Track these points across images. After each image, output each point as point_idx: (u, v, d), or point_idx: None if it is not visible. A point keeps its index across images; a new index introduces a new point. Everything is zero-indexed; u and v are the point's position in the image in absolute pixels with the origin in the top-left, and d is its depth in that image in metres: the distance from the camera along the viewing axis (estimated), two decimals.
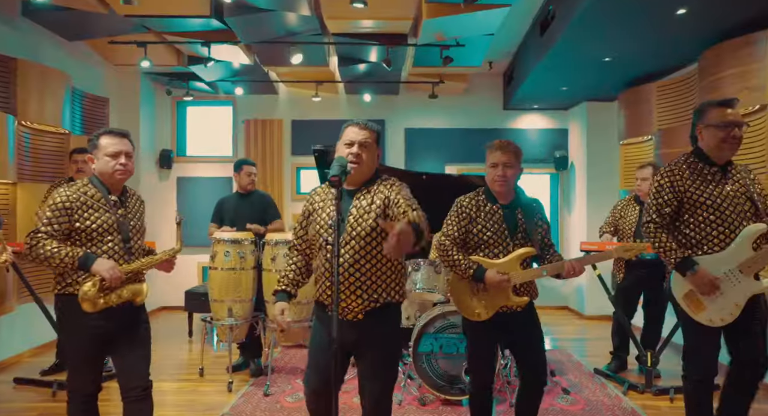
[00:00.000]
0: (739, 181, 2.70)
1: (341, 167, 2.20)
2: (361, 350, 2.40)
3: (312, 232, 2.43)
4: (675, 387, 4.13)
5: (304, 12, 4.70)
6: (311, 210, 2.47)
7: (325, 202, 2.44)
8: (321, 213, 2.41)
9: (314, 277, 2.50)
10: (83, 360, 2.59)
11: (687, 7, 3.88)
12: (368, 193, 2.40)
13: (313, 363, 2.43)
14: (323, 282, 2.39)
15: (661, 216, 2.74)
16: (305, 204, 2.52)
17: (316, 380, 2.38)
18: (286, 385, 4.34)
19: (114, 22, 5.05)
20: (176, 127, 7.85)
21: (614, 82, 6.08)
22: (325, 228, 2.36)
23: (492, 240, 2.75)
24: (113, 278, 2.47)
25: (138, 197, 2.79)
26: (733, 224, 2.63)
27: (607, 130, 6.99)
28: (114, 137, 2.60)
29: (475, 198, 2.81)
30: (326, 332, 2.33)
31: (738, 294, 2.64)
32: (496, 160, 2.71)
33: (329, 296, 2.33)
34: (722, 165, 2.72)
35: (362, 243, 2.31)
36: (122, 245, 2.59)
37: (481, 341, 2.83)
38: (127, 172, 2.61)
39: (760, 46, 4.16)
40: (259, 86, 7.43)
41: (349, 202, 2.39)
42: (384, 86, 7.38)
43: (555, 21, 4.80)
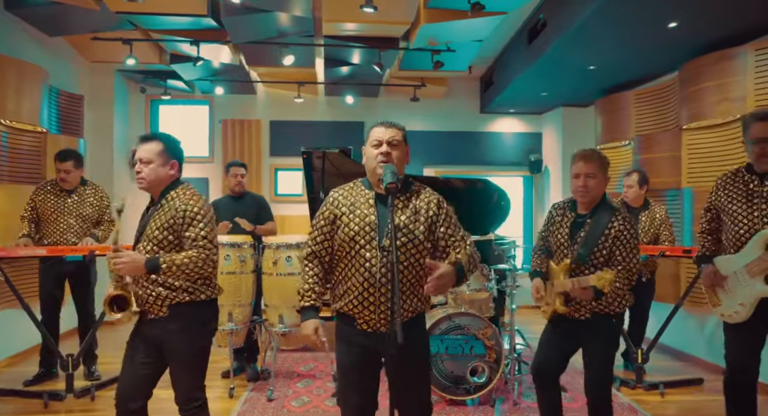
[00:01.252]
0: None
1: (393, 174, 2.15)
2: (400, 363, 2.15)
3: (343, 238, 2.24)
4: (664, 382, 4.36)
5: (301, 13, 4.68)
6: (337, 215, 2.29)
7: (354, 205, 2.28)
8: (352, 218, 2.25)
9: (339, 287, 2.32)
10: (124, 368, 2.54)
11: (678, 20, 4.09)
12: (408, 201, 2.31)
13: (351, 381, 2.31)
14: (352, 293, 2.23)
15: (706, 220, 3.11)
16: (327, 208, 2.33)
17: (360, 398, 2.30)
18: (287, 390, 4.31)
19: (99, 18, 4.88)
20: (150, 127, 7.62)
21: (593, 88, 6.31)
22: (362, 234, 2.21)
23: (556, 247, 2.88)
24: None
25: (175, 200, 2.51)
26: (755, 228, 2.78)
27: (582, 134, 7.23)
28: (145, 142, 2.56)
29: (564, 204, 2.94)
30: (358, 348, 2.27)
31: (743, 295, 2.80)
32: (578, 170, 2.74)
33: (364, 308, 2.22)
34: (763, 174, 2.82)
35: (407, 254, 2.23)
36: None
37: (546, 333, 3.01)
38: (141, 180, 2.51)
39: (740, 60, 4.43)
40: (236, 86, 7.31)
41: (384, 207, 2.25)
42: (364, 88, 7.41)
43: (546, 30, 4.94)
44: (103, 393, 4.26)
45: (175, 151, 2.59)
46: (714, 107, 4.63)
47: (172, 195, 2.52)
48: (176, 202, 2.49)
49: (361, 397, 2.30)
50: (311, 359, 5.15)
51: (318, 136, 7.58)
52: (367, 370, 2.31)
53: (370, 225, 2.23)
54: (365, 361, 2.29)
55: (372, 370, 2.33)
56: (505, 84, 6.51)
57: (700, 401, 4.19)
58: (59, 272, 4.45)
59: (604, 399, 2.82)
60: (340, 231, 2.27)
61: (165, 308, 2.45)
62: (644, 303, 4.74)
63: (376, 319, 2.23)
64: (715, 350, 4.91)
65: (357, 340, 2.28)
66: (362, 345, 2.27)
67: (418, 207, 2.30)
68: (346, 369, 2.32)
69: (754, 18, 4.07)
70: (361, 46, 5.49)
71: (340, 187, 2.41)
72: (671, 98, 5.35)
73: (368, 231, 2.22)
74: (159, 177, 2.52)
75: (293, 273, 4.25)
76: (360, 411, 2.32)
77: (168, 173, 2.54)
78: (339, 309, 2.32)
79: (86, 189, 4.53)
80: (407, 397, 2.30)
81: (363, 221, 2.24)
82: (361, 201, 2.30)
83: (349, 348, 2.30)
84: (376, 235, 2.21)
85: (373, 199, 2.30)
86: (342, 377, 2.35)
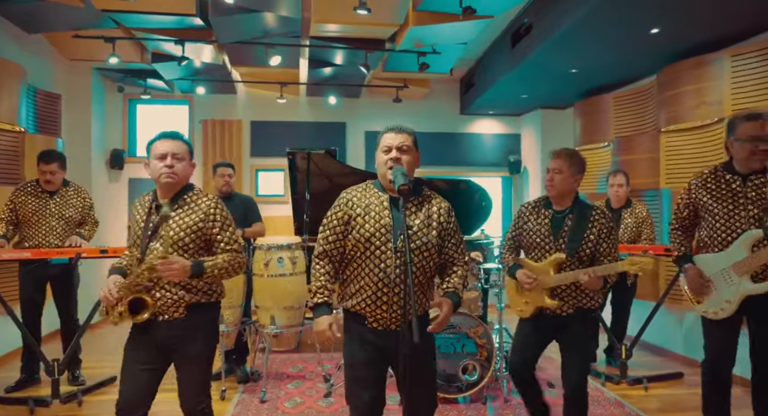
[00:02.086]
0: (760, 188, 2.86)
1: (404, 175, 2.21)
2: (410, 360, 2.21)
3: (358, 239, 2.29)
4: (647, 376, 4.50)
5: (290, 14, 4.67)
6: (351, 216, 2.34)
7: (369, 207, 2.34)
8: (368, 219, 2.31)
9: (350, 286, 2.37)
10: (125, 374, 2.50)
11: (660, 27, 4.22)
12: (420, 205, 2.39)
13: (362, 378, 2.34)
14: (365, 292, 2.29)
15: (678, 219, 3.09)
16: (340, 209, 2.37)
17: (370, 394, 2.32)
18: (279, 391, 4.30)
19: (82, 16, 4.78)
20: (128, 127, 7.49)
21: (573, 91, 6.45)
22: (378, 236, 2.28)
23: (536, 244, 2.92)
24: (103, 297, 2.40)
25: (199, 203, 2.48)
26: (740, 228, 2.86)
27: (560, 136, 7.38)
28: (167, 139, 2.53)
29: (535, 203, 3.01)
30: (369, 345, 2.32)
31: (729, 292, 2.90)
32: (548, 166, 2.89)
33: (377, 307, 2.28)
34: (745, 174, 2.91)
35: (420, 257, 2.30)
36: (138, 256, 2.46)
37: (522, 332, 3.04)
38: (173, 175, 2.44)
39: (717, 65, 4.59)
40: (217, 86, 7.25)
41: (397, 210, 2.31)
42: (345, 89, 7.43)
43: (531, 34, 5.04)
44: (90, 398, 4.19)
45: (193, 154, 2.60)
46: (692, 111, 4.80)
47: (191, 196, 2.50)
48: (202, 205, 2.47)
49: (371, 393, 2.34)
50: (299, 360, 5.14)
51: (300, 136, 7.57)
52: (377, 367, 2.36)
53: (385, 227, 2.29)
54: (376, 358, 2.34)
55: (382, 367, 2.38)
56: (487, 86, 6.61)
57: (681, 394, 4.33)
58: (41, 275, 4.34)
59: (583, 391, 2.91)
60: (354, 231, 2.32)
61: (182, 309, 2.43)
62: (627, 301, 4.89)
63: (388, 318, 2.29)
64: (692, 345, 5.09)
65: (368, 338, 2.32)
66: (373, 343, 2.32)
67: (431, 212, 2.39)
68: (357, 366, 2.35)
69: (730, 26, 4.24)
70: (348, 48, 5.51)
71: (352, 188, 2.46)
72: (650, 101, 5.51)
73: (384, 233, 2.29)
74: (187, 175, 2.53)
75: (284, 275, 4.26)
76: (371, 407, 2.35)
77: (191, 173, 2.56)
78: (350, 307, 2.36)
79: (68, 190, 4.44)
80: (416, 394, 2.32)
81: (378, 222, 2.30)
82: (375, 203, 2.36)
83: (362, 345, 2.33)
84: (391, 237, 2.28)
85: (387, 201, 2.36)
86: (352, 374, 2.38)
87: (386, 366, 2.39)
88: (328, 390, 4.19)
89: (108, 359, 5.15)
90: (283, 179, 7.77)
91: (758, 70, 4.24)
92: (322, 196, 5.64)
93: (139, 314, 2.39)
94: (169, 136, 2.53)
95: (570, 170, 2.86)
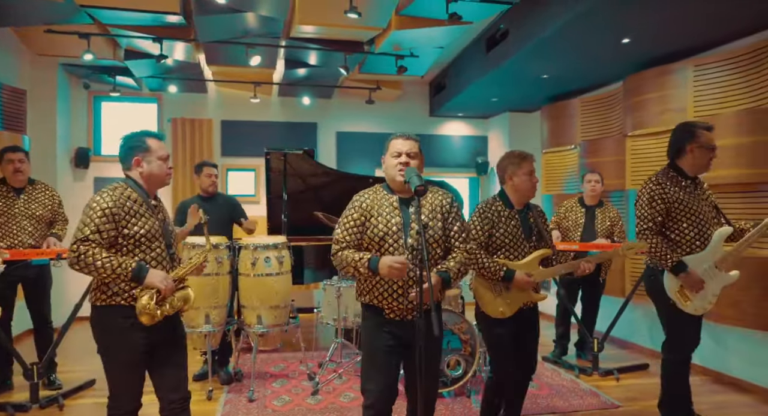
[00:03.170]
0: (705, 191, 3.22)
1: (419, 177, 2.35)
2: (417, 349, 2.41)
3: (373, 238, 2.46)
4: (617, 368, 4.74)
5: (274, 14, 4.69)
6: (367, 217, 2.50)
7: (382, 207, 2.51)
8: (381, 219, 2.47)
9: (366, 283, 2.51)
10: (127, 376, 2.48)
11: (632, 37, 4.46)
12: (425, 201, 2.56)
13: (381, 363, 2.47)
14: (381, 286, 2.45)
15: (656, 224, 3.15)
16: (356, 211, 2.52)
17: (386, 380, 2.45)
18: (265, 390, 4.31)
19: (57, 10, 4.66)
20: (93, 124, 7.29)
21: (541, 95, 6.69)
22: (390, 234, 2.44)
23: (510, 244, 3.01)
24: (168, 289, 2.44)
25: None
26: (705, 228, 3.13)
27: (527, 138, 7.63)
28: (159, 140, 2.60)
29: (493, 204, 3.06)
30: (388, 333, 2.47)
31: (716, 287, 3.15)
32: (531, 168, 3.05)
33: (393, 300, 2.45)
34: (693, 178, 3.19)
35: (429, 249, 2.47)
36: (166, 251, 2.56)
37: (503, 337, 3.01)
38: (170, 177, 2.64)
39: (680, 75, 4.89)
40: (187, 84, 7.15)
41: (406, 209, 2.51)
42: (317, 90, 7.46)
43: (507, 40, 5.22)
44: (70, 402, 4.10)
45: None
46: (657, 117, 5.08)
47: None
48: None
49: (387, 380, 2.47)
50: (280, 360, 5.16)
51: (271, 136, 7.55)
52: (395, 354, 2.50)
53: (397, 225, 2.47)
54: (395, 346, 2.48)
55: (398, 356, 2.52)
56: (459, 89, 6.77)
57: (648, 383, 4.59)
58: (17, 276, 4.22)
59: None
60: (369, 231, 2.49)
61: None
62: (597, 297, 5.13)
63: (404, 308, 2.47)
64: (656, 338, 5.38)
65: (387, 328, 2.49)
66: (391, 332, 2.49)
67: (434, 205, 2.57)
68: (376, 352, 2.50)
69: (694, 37, 4.51)
70: (329, 50, 5.56)
71: (363, 192, 2.62)
72: (616, 106, 5.79)
73: (396, 231, 2.46)
74: None
75: (271, 274, 4.28)
76: (385, 394, 2.47)
77: None
78: (369, 301, 2.52)
79: (35, 188, 4.34)
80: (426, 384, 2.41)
81: (390, 222, 2.48)
82: (386, 204, 2.53)
83: (381, 333, 2.49)
84: (403, 234, 2.46)
85: (396, 202, 2.54)
86: (370, 361, 2.52)
87: (401, 355, 2.52)
88: (315, 388, 4.24)
89: (82, 362, 5.04)
90: (253, 179, 7.74)
91: (719, 80, 4.53)
92: (296, 196, 5.70)
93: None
94: (161, 138, 2.65)
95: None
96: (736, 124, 4.29)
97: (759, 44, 4.18)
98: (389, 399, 2.48)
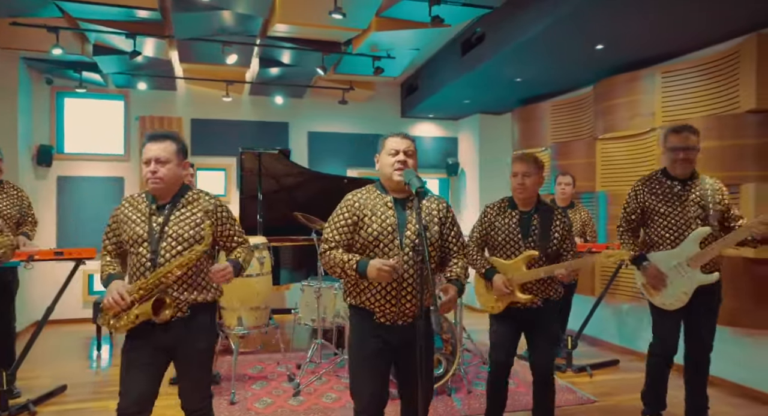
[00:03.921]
0: (698, 191, 3.27)
1: (419, 178, 2.33)
2: (411, 354, 2.32)
3: (366, 238, 2.41)
4: (590, 365, 4.89)
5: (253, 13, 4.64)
6: (360, 216, 2.44)
7: (375, 207, 2.45)
8: (375, 219, 2.42)
9: (358, 284, 2.45)
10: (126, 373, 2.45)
11: (605, 44, 4.61)
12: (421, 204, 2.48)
13: (368, 369, 2.44)
14: (374, 288, 2.39)
15: (628, 222, 3.42)
16: (347, 210, 2.46)
17: (376, 386, 2.43)
18: (246, 392, 4.26)
19: (25, 2, 4.50)
20: (56, 121, 7.04)
21: (513, 98, 6.83)
22: (385, 234, 2.39)
23: (506, 243, 3.11)
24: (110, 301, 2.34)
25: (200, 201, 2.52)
26: (683, 227, 3.25)
27: (498, 140, 7.78)
28: (149, 142, 2.50)
29: (499, 204, 3.18)
30: (378, 338, 2.42)
31: (686, 284, 3.26)
32: (516, 170, 3.07)
33: (386, 302, 2.39)
34: (683, 179, 3.31)
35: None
36: (148, 257, 2.41)
37: (499, 329, 3.19)
38: (158, 180, 2.44)
39: (648, 81, 5.07)
40: (156, 81, 6.99)
41: (402, 210, 2.47)
42: (289, 89, 7.40)
43: (483, 44, 5.30)
44: (42, 409, 3.96)
45: (186, 152, 2.57)
46: (626, 121, 5.26)
47: (192, 196, 2.54)
48: (203, 203, 2.53)
49: (377, 387, 2.44)
50: (256, 361, 5.11)
51: (242, 135, 7.46)
52: (384, 360, 2.48)
53: (391, 225, 2.42)
54: (384, 352, 2.45)
55: (388, 361, 2.50)
56: (432, 91, 6.84)
57: (620, 378, 4.76)
58: None
59: (552, 373, 3.19)
60: (363, 231, 2.43)
61: (185, 308, 2.44)
62: (569, 296, 5.26)
63: (396, 312, 2.42)
64: (625, 335, 5.58)
65: (377, 332, 2.44)
66: (381, 337, 2.44)
67: (431, 208, 2.55)
68: (366, 359, 2.45)
69: (663, 45, 4.69)
70: (306, 49, 5.52)
71: (356, 191, 2.56)
72: (587, 110, 5.95)
73: (390, 232, 2.41)
74: (176, 177, 2.49)
75: (252, 275, 4.24)
76: (377, 399, 2.45)
77: (183, 173, 2.51)
78: (358, 304, 2.47)
79: (3, 189, 4.19)
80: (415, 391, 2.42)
81: (385, 222, 2.43)
82: (380, 204, 2.48)
83: (370, 339, 2.44)
84: (397, 235, 2.41)
85: (391, 202, 2.49)
86: (359, 367, 2.48)
87: (391, 360, 2.50)
88: (296, 390, 4.22)
89: (46, 367, 4.87)
90: (224, 178, 7.63)
91: (686, 86, 4.72)
92: (269, 196, 5.65)
93: (160, 313, 2.36)
94: (156, 138, 2.50)
95: (537, 173, 3.10)
96: (704, 129, 4.42)
97: (724, 53, 4.37)
98: (380, 403, 2.47)
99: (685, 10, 3.84)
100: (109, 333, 5.87)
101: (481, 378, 4.61)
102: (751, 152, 4.16)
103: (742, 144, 4.19)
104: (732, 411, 3.98)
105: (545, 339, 3.17)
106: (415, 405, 2.39)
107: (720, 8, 3.82)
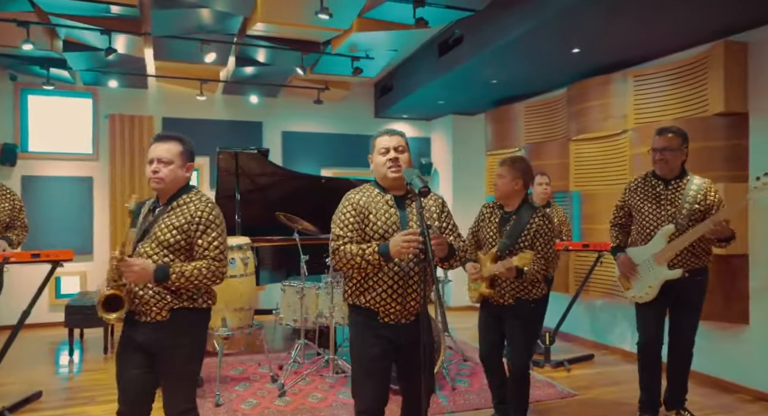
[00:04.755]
0: (678, 190, 3.40)
1: (420, 178, 2.35)
2: (412, 351, 2.38)
3: (372, 236, 2.42)
4: (567, 360, 5.02)
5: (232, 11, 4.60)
6: (365, 214, 2.45)
7: (377, 205, 2.47)
8: (379, 217, 2.44)
9: (362, 283, 2.45)
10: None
11: (581, 48, 4.75)
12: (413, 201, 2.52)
13: (372, 369, 2.45)
14: (380, 286, 2.39)
15: (615, 217, 3.70)
16: (353, 208, 2.46)
17: (380, 387, 2.46)
18: (229, 394, 4.22)
19: None
20: (20, 119, 6.81)
21: (487, 99, 6.94)
22: (390, 233, 2.40)
23: (486, 239, 3.33)
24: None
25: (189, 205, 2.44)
26: (654, 225, 3.43)
27: (471, 140, 7.89)
28: (153, 142, 2.48)
29: (493, 205, 3.38)
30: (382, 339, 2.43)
31: (651, 279, 3.43)
32: (498, 172, 3.27)
33: (392, 300, 2.40)
34: (669, 178, 3.44)
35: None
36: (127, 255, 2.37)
37: (482, 322, 3.45)
38: (160, 180, 2.41)
39: (620, 84, 5.24)
40: (127, 79, 6.82)
41: (402, 208, 2.50)
42: (264, 89, 7.33)
43: (461, 46, 5.38)
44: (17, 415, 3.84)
45: (192, 154, 2.53)
46: (599, 123, 5.42)
47: (185, 199, 2.46)
48: (191, 207, 2.43)
49: (380, 386, 2.47)
50: (237, 363, 5.06)
51: (215, 135, 7.33)
52: (388, 360, 2.50)
53: (396, 223, 2.45)
54: (388, 352, 2.47)
55: (390, 361, 2.52)
56: (408, 92, 6.89)
57: (596, 372, 4.91)
58: None
59: (523, 370, 3.28)
60: (368, 228, 2.44)
61: (165, 311, 2.36)
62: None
63: (401, 311, 2.44)
64: (597, 330, 5.75)
65: (382, 332, 2.45)
66: (386, 337, 2.45)
67: (429, 205, 2.59)
68: (370, 360, 2.45)
69: (635, 50, 4.85)
70: (285, 48, 5.50)
71: (354, 191, 2.56)
72: (560, 112, 6.10)
73: (395, 230, 2.42)
74: (177, 178, 2.45)
75: (235, 276, 4.21)
76: (380, 399, 2.48)
77: (185, 176, 2.48)
78: (361, 304, 2.46)
79: None
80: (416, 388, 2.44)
81: (389, 220, 2.45)
82: (381, 202, 2.49)
83: (375, 340, 2.44)
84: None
85: (392, 200, 2.51)
86: (362, 367, 2.48)
87: (393, 359, 2.52)
88: (282, 390, 4.20)
89: (14, 374, 4.71)
90: (196, 178, 7.50)
91: (657, 90, 4.89)
92: (246, 196, 5.61)
93: (112, 312, 2.33)
94: (161, 139, 2.49)
95: (511, 175, 3.23)
96: None
97: (694, 58, 4.55)
98: (383, 402, 2.49)
99: (659, 17, 3.99)
100: (80, 338, 5.73)
101: (462, 375, 4.69)
102: (720, 154, 4.36)
103: (712, 146, 4.38)
104: (701, 400, 4.15)
105: (515, 338, 3.26)
106: (418, 399, 2.42)
107: (690, 16, 3.99)
